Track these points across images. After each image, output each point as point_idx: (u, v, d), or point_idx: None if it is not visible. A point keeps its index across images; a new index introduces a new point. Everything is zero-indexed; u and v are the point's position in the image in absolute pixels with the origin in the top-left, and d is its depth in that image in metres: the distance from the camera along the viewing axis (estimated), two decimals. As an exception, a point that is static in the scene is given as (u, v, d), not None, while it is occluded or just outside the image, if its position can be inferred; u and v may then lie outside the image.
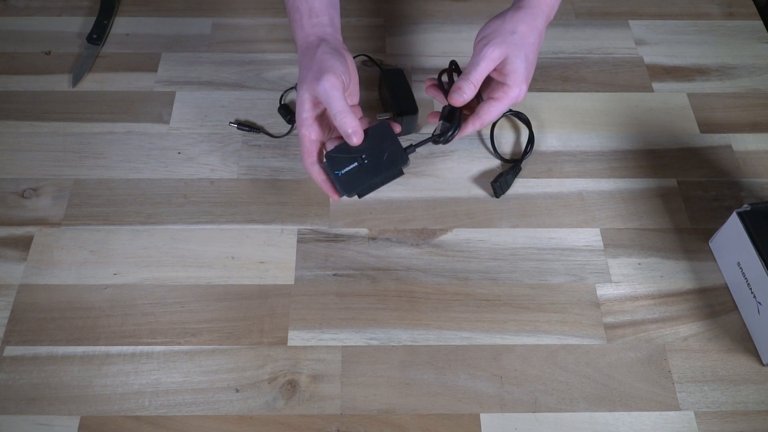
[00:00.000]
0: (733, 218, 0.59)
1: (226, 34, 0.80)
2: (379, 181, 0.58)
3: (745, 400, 0.56)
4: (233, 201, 0.66)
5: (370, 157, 0.57)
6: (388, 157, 0.57)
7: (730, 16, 0.83)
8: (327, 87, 0.53)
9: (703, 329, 0.59)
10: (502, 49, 0.57)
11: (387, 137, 0.57)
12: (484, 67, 0.57)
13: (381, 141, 0.57)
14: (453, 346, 0.58)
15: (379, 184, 0.58)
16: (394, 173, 0.58)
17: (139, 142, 0.70)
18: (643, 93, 0.75)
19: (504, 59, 0.57)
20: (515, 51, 0.57)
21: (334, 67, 0.54)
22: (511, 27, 0.57)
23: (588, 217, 0.66)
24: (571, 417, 0.55)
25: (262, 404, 0.55)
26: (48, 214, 0.64)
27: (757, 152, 0.70)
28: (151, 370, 0.56)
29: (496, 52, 0.57)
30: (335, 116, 0.53)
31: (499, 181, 0.66)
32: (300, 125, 0.57)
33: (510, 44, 0.57)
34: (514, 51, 0.57)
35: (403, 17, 0.82)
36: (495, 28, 0.58)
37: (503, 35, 0.57)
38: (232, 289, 0.60)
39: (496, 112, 0.59)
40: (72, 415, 0.54)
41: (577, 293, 0.61)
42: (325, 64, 0.54)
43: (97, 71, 0.76)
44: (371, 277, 0.61)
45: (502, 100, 0.59)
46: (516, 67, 0.57)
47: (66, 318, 0.59)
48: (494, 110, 0.59)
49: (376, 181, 0.58)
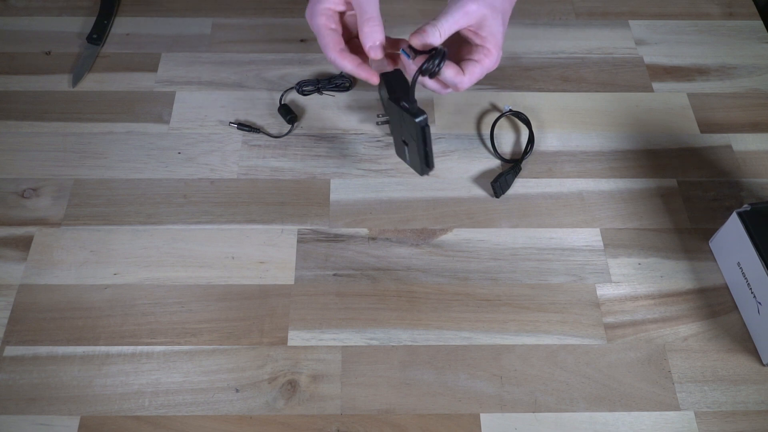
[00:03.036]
0: (733, 218, 0.59)
1: (226, 34, 0.80)
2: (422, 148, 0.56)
3: (745, 400, 0.56)
4: (233, 201, 0.66)
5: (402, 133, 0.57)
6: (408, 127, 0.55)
7: (730, 16, 0.83)
8: None
9: (703, 329, 0.59)
10: (480, 6, 0.52)
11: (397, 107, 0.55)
12: (458, 19, 0.52)
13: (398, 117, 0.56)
14: (453, 346, 0.58)
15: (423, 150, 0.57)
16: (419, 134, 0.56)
17: (139, 142, 0.70)
18: (643, 93, 0.75)
19: (482, 19, 0.53)
20: (494, 13, 0.53)
21: None
22: None
23: (588, 217, 0.66)
24: (571, 417, 0.55)
25: (262, 404, 0.55)
26: (48, 214, 0.64)
27: (757, 152, 0.70)
28: (151, 370, 0.56)
29: (474, 7, 0.52)
30: (367, 21, 0.50)
31: (499, 181, 0.66)
32: (317, 14, 0.52)
33: (489, 5, 0.53)
34: (493, 13, 0.53)
35: (403, 17, 0.82)
36: None
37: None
38: (232, 289, 0.61)
39: (477, 74, 0.55)
40: (72, 415, 0.54)
41: (577, 293, 0.61)
42: None
43: (97, 71, 0.76)
44: (371, 277, 0.61)
45: (484, 62, 0.54)
46: (494, 30, 0.54)
47: (66, 318, 0.59)
48: (476, 71, 0.54)
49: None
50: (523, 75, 0.76)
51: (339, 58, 0.54)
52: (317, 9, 0.53)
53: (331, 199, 0.66)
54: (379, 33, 0.51)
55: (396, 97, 0.55)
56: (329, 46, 0.53)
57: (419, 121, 0.53)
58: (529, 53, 0.79)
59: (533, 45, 0.79)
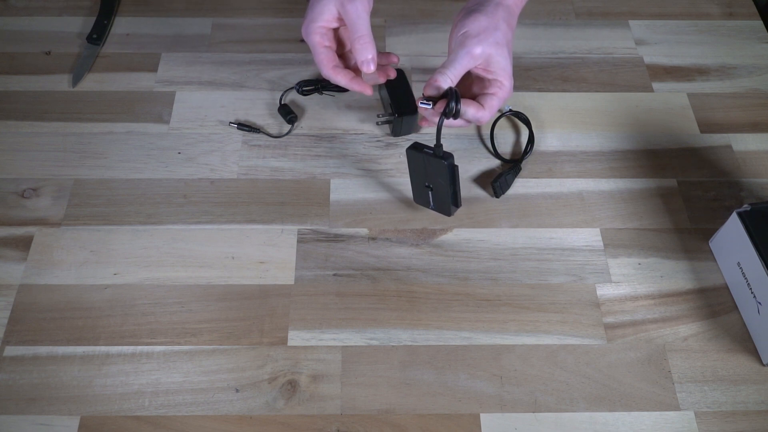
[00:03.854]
0: (733, 218, 0.59)
1: (226, 34, 0.80)
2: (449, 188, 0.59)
3: (745, 400, 0.55)
4: (233, 201, 0.66)
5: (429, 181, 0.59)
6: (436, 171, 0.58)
7: (730, 16, 0.83)
8: (360, 8, 0.52)
9: (703, 329, 0.59)
10: (486, 47, 0.55)
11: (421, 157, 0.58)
12: (465, 64, 0.56)
13: (423, 164, 0.58)
14: (453, 346, 0.58)
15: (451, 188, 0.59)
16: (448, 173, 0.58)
17: (139, 142, 0.70)
18: (643, 93, 0.75)
19: (488, 58, 0.56)
20: (498, 49, 0.56)
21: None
22: (494, 24, 0.56)
23: (588, 217, 0.66)
24: (571, 417, 0.55)
25: (262, 404, 0.55)
26: (48, 214, 0.64)
27: (757, 152, 0.70)
28: (151, 370, 0.56)
29: (479, 50, 0.55)
30: (359, 38, 0.53)
31: (499, 181, 0.66)
32: (312, 32, 0.55)
33: (494, 43, 0.56)
34: (497, 49, 0.56)
35: (403, 17, 0.82)
36: (478, 24, 0.56)
37: (487, 32, 0.56)
38: (232, 289, 0.60)
39: (495, 107, 0.59)
40: (72, 415, 0.54)
41: (577, 293, 0.61)
42: None
43: (97, 71, 0.76)
44: (371, 277, 0.61)
45: (499, 95, 0.58)
46: (503, 64, 0.57)
47: (66, 318, 0.59)
48: (494, 104, 0.58)
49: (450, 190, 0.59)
50: (523, 75, 0.76)
51: (333, 74, 0.58)
52: (312, 28, 0.55)
53: (331, 199, 0.66)
54: (370, 49, 0.54)
55: (416, 145, 0.58)
56: (323, 63, 0.57)
57: (448, 163, 0.56)
58: (529, 53, 0.79)
59: (533, 45, 0.79)
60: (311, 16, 0.55)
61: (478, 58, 0.56)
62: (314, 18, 0.55)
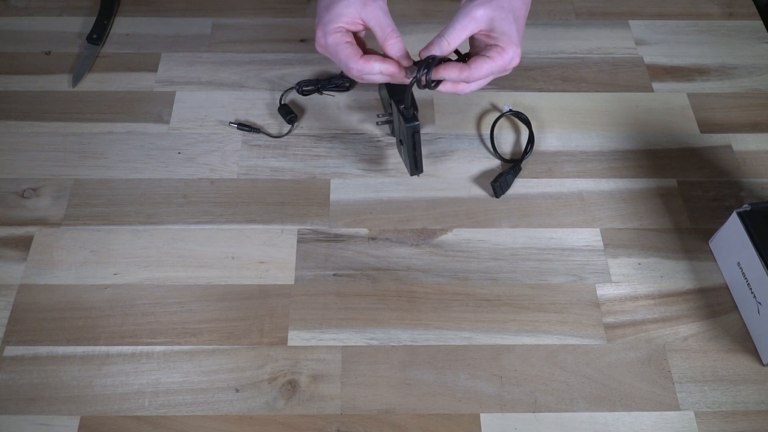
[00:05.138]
0: (733, 218, 0.59)
1: (226, 34, 0.80)
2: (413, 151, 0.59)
3: (745, 400, 0.56)
4: (233, 201, 0.66)
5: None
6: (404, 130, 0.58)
7: (730, 16, 0.83)
8: (382, 6, 0.52)
9: (703, 329, 0.59)
10: (487, 10, 0.53)
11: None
12: (464, 25, 0.53)
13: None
14: (453, 346, 0.58)
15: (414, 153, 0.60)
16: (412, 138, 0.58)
17: (139, 142, 0.70)
18: (643, 93, 0.75)
19: (490, 21, 0.53)
20: (502, 13, 0.53)
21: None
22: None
23: (588, 217, 0.66)
24: (571, 417, 0.55)
25: (262, 404, 0.55)
26: (48, 214, 0.64)
27: (757, 152, 0.70)
28: (151, 370, 0.56)
29: (480, 11, 0.53)
30: (389, 36, 0.52)
31: (499, 181, 0.66)
32: (331, 33, 0.53)
33: (497, 6, 0.53)
34: (501, 13, 0.53)
35: (403, 17, 0.82)
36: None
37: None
38: (232, 289, 0.61)
39: (487, 70, 0.54)
40: (72, 415, 0.54)
41: (577, 293, 0.61)
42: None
43: (97, 71, 0.76)
44: (371, 277, 0.61)
45: (495, 59, 0.54)
46: (506, 29, 0.54)
47: (66, 318, 0.59)
48: (485, 66, 0.54)
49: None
50: (523, 75, 0.76)
51: (365, 64, 0.53)
52: (330, 29, 0.53)
53: (331, 199, 0.66)
54: (402, 44, 0.54)
55: (398, 99, 0.57)
56: (351, 57, 0.53)
57: (410, 126, 0.55)
58: (529, 53, 0.79)
59: (533, 45, 0.79)
60: (328, 18, 0.53)
61: (480, 20, 0.53)
62: (332, 20, 0.53)
